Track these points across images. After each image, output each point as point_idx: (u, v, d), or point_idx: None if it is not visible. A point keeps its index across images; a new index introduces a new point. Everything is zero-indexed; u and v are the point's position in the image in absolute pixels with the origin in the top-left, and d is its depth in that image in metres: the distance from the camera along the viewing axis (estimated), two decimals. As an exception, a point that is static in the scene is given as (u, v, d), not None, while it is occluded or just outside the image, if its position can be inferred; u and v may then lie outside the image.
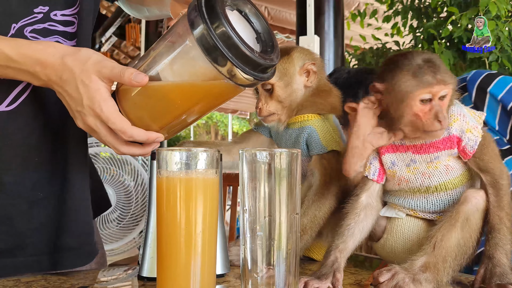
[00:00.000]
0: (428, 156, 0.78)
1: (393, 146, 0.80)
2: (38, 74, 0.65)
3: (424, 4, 2.90)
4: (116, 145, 0.67)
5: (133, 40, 5.49)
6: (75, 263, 0.82)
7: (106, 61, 0.65)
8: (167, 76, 0.63)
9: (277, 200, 0.58)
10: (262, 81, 0.63)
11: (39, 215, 0.77)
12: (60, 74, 0.64)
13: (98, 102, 0.64)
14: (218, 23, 0.58)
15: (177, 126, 0.69)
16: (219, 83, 0.61)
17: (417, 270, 0.69)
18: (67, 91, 0.65)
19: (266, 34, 0.65)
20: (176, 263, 0.59)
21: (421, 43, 2.70)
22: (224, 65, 0.59)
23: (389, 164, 0.81)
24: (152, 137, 0.67)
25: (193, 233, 0.59)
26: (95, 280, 0.77)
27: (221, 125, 14.84)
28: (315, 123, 0.92)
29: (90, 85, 0.63)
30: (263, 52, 0.64)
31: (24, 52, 0.65)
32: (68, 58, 0.64)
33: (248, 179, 0.59)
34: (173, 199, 0.60)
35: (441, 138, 0.77)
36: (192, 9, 0.60)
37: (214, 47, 0.58)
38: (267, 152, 0.59)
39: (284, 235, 0.59)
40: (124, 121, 0.65)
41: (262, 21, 0.65)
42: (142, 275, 0.77)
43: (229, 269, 0.81)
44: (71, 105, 0.66)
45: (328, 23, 2.67)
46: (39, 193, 0.76)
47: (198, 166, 0.60)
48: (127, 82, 0.63)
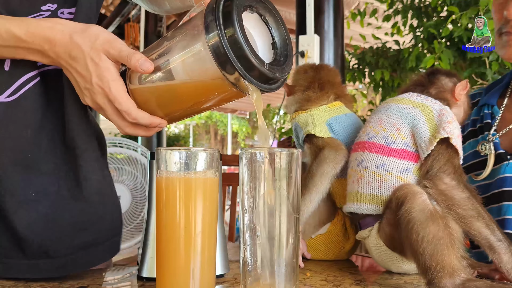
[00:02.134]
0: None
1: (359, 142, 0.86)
2: (47, 52, 0.66)
3: (424, 4, 2.90)
4: (121, 125, 0.68)
5: (132, 39, 5.49)
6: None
7: (115, 42, 0.65)
8: (175, 70, 0.63)
9: (277, 200, 0.58)
10: (269, 92, 0.63)
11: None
12: (69, 51, 0.65)
13: (107, 81, 0.64)
14: (232, 31, 0.58)
15: (181, 116, 0.70)
16: (225, 87, 0.61)
17: None
18: (76, 69, 0.66)
19: (282, 41, 0.65)
20: (175, 263, 0.59)
21: (421, 43, 2.70)
22: (232, 73, 0.59)
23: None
24: (156, 122, 0.68)
25: (193, 233, 0.59)
26: (95, 280, 0.77)
27: (221, 124, 14.84)
28: (298, 118, 1.02)
29: (99, 64, 0.64)
30: (275, 61, 0.64)
31: (32, 31, 0.65)
32: (77, 35, 0.65)
33: (248, 178, 0.59)
34: (172, 199, 0.59)
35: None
36: (209, 11, 0.59)
37: (224, 55, 0.58)
38: (266, 151, 0.59)
39: (284, 235, 0.58)
40: (130, 103, 0.66)
41: (281, 28, 0.65)
42: (142, 275, 0.76)
43: (228, 269, 0.80)
44: (80, 82, 0.67)
45: (328, 22, 2.67)
46: (31, 192, 0.75)
47: (198, 166, 0.60)
48: (133, 68, 0.64)
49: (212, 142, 15.24)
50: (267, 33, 0.65)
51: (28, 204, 0.73)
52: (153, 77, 0.65)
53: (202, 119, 14.40)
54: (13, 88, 0.72)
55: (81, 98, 0.69)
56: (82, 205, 0.77)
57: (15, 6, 0.71)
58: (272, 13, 0.65)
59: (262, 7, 0.64)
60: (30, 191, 0.73)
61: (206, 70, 0.60)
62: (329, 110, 1.00)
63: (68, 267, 0.76)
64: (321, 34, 2.64)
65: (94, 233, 0.79)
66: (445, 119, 0.80)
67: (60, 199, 0.75)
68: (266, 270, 0.58)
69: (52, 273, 0.75)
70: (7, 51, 0.68)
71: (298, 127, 1.02)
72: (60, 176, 0.76)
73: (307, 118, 1.00)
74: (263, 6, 0.64)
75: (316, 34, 2.59)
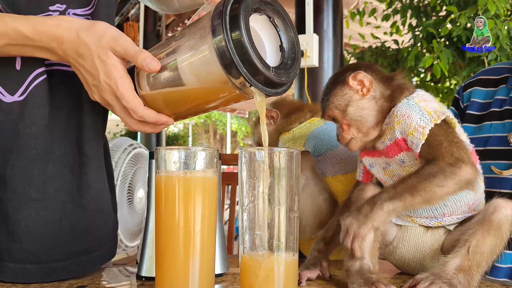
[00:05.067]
0: (394, 160, 0.78)
1: (367, 151, 0.81)
2: (55, 49, 0.67)
3: (423, 3, 2.91)
4: (128, 122, 0.69)
5: (131, 38, 5.48)
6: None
7: (121, 39, 0.65)
8: (182, 71, 0.63)
9: (276, 199, 0.58)
10: (274, 96, 0.63)
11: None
12: (76, 48, 0.65)
13: (114, 78, 0.65)
14: (238, 36, 0.57)
15: (188, 114, 0.70)
16: (232, 90, 0.61)
17: (451, 274, 0.68)
18: (84, 66, 0.66)
19: (290, 44, 0.65)
20: (174, 263, 0.59)
21: (420, 42, 2.70)
22: (237, 78, 0.59)
23: (368, 166, 0.82)
24: (162, 120, 0.68)
25: (192, 233, 0.59)
26: (94, 280, 0.77)
27: (220, 124, 14.84)
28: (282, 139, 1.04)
29: (107, 61, 0.65)
30: (283, 64, 0.63)
31: (39, 29, 0.66)
32: (84, 33, 0.65)
33: (247, 178, 0.59)
34: (171, 199, 0.59)
35: (389, 144, 0.76)
36: (216, 14, 0.59)
37: (230, 59, 0.58)
38: (266, 151, 0.59)
39: (284, 234, 0.58)
40: (136, 101, 0.66)
41: (290, 31, 0.65)
42: (141, 274, 0.76)
43: (227, 268, 0.80)
44: (88, 79, 0.67)
45: (327, 22, 2.67)
46: (32, 191, 0.73)
47: (197, 165, 0.60)
48: (140, 66, 0.65)
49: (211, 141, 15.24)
50: (275, 35, 0.65)
51: (28, 204, 0.72)
52: (160, 76, 0.65)
53: (201, 119, 14.40)
54: (24, 86, 0.72)
55: (90, 94, 0.69)
56: (80, 212, 0.77)
57: (22, 6, 0.71)
58: (281, 15, 0.65)
59: (271, 9, 0.64)
60: (31, 190, 0.73)
61: (213, 73, 0.60)
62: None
63: (59, 273, 0.75)
64: (320, 34, 2.63)
65: (89, 242, 0.79)
66: None
67: (60, 201, 0.75)
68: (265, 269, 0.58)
69: (41, 278, 0.74)
70: (15, 49, 0.68)
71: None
72: (62, 178, 0.75)
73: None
74: (271, 8, 0.64)
75: (315, 34, 2.59)
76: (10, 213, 0.72)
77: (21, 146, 0.72)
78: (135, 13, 5.77)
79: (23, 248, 0.72)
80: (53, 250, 0.74)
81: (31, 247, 0.72)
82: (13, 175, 0.72)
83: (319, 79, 2.62)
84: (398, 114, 0.75)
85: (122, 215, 2.61)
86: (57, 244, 0.75)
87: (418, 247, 0.80)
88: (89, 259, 0.79)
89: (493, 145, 0.96)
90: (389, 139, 0.76)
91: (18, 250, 0.72)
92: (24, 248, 0.72)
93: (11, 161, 0.71)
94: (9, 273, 0.72)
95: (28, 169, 0.72)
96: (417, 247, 0.80)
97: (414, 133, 0.73)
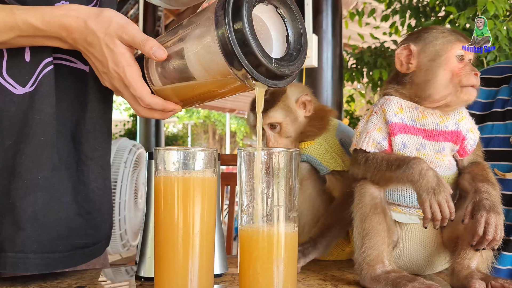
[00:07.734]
0: (437, 144, 0.79)
1: (405, 126, 0.80)
2: (65, 38, 0.68)
3: (422, 3, 2.91)
4: (137, 109, 0.71)
5: (131, 38, 5.47)
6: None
7: (128, 27, 0.66)
8: (188, 59, 0.63)
9: (275, 200, 0.58)
10: (278, 87, 0.63)
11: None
12: (84, 37, 0.67)
13: (122, 66, 0.66)
14: (240, 28, 0.57)
15: (195, 102, 0.71)
16: (236, 81, 0.61)
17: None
18: (93, 54, 0.68)
19: (296, 35, 0.64)
20: (174, 263, 0.59)
21: (419, 42, 2.70)
22: (239, 70, 0.59)
23: (400, 145, 0.79)
24: (169, 107, 0.69)
25: (191, 233, 0.59)
26: (93, 280, 0.77)
27: (219, 124, 14.84)
28: (310, 150, 0.96)
29: (114, 49, 0.66)
30: (287, 55, 0.63)
31: (48, 20, 0.67)
32: (91, 21, 0.66)
33: (246, 178, 0.59)
34: (170, 199, 0.59)
35: (451, 130, 0.79)
36: (220, 5, 0.59)
37: (231, 51, 0.58)
38: (265, 151, 0.59)
39: (283, 234, 0.58)
40: (144, 89, 0.67)
41: (296, 21, 0.64)
42: (140, 275, 0.76)
43: (227, 268, 0.80)
44: (98, 67, 0.69)
45: (326, 22, 2.66)
46: (40, 177, 0.73)
47: (196, 166, 0.60)
48: (146, 54, 0.66)
49: (210, 141, 15.24)
50: (282, 25, 0.65)
51: (35, 191, 0.72)
52: (167, 64, 0.66)
53: (200, 119, 14.39)
54: (34, 77, 0.73)
55: (101, 81, 0.72)
56: (80, 207, 0.77)
57: (29, 2, 0.71)
58: (288, 5, 0.64)
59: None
60: (39, 176, 0.72)
61: (217, 64, 0.60)
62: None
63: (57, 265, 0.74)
64: (319, 34, 2.63)
65: (88, 237, 0.79)
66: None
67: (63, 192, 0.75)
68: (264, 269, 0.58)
69: (39, 269, 0.73)
70: (26, 40, 0.69)
71: (313, 158, 0.97)
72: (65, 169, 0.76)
73: (325, 149, 0.97)
74: None
75: (314, 34, 2.59)
76: (17, 202, 0.71)
77: (30, 133, 0.72)
78: (134, 13, 5.76)
79: (28, 235, 0.71)
80: (56, 240, 0.74)
81: (37, 234, 0.72)
82: (22, 162, 0.71)
83: (318, 79, 2.62)
84: (462, 111, 0.81)
85: (128, 213, 2.62)
86: (61, 235, 0.75)
87: (425, 244, 0.81)
88: (83, 253, 0.79)
89: (495, 146, 0.97)
90: (452, 125, 0.80)
91: (22, 238, 0.71)
92: (29, 235, 0.71)
93: (20, 150, 0.72)
94: (9, 263, 0.71)
95: (36, 155, 0.72)
96: (424, 244, 0.81)
97: (473, 131, 0.80)
